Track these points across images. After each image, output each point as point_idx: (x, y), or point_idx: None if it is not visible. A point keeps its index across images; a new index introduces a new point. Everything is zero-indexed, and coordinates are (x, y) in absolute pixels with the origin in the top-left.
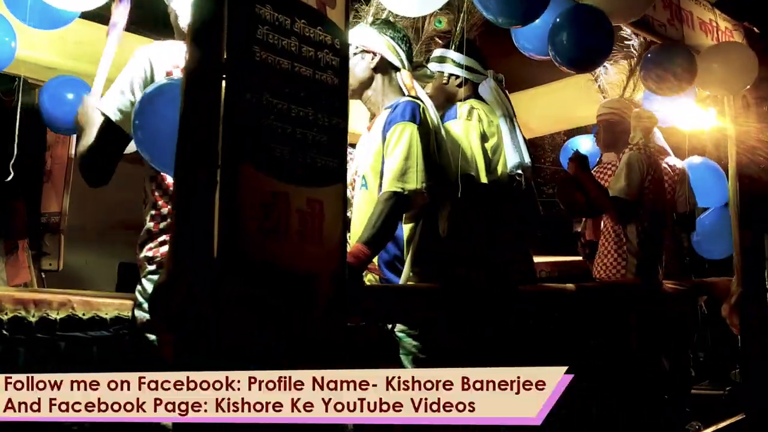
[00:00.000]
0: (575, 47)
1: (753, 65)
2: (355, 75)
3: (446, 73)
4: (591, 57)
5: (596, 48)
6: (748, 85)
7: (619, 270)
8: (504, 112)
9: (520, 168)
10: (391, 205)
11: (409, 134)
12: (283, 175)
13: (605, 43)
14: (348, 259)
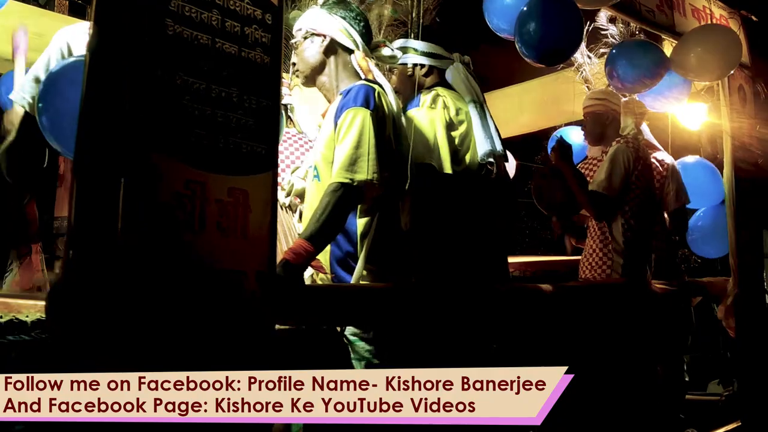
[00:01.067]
0: (543, 40)
1: (736, 48)
2: (306, 60)
3: (410, 64)
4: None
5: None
6: (732, 69)
7: (604, 270)
8: (473, 98)
9: (491, 156)
10: (338, 197)
11: (361, 120)
12: (200, 162)
13: (574, 35)
14: (286, 255)
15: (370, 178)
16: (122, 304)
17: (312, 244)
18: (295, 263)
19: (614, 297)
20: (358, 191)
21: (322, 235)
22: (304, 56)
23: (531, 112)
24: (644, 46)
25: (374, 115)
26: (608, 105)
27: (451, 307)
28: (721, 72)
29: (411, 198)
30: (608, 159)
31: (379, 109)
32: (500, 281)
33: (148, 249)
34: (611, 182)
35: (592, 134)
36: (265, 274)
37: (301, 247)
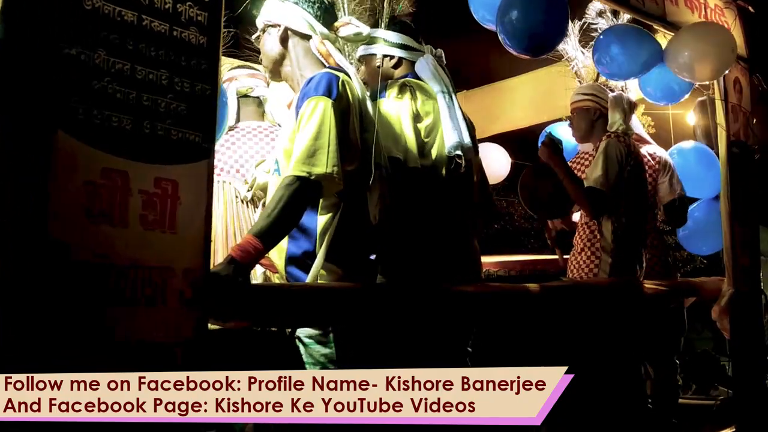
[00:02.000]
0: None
1: (731, 49)
2: (267, 54)
3: (379, 55)
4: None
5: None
6: (726, 69)
7: (591, 269)
8: (442, 88)
9: (459, 149)
10: (293, 191)
11: (322, 110)
12: (121, 149)
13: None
14: (233, 252)
15: (330, 171)
16: (21, 304)
17: (261, 242)
18: (242, 261)
19: (600, 298)
20: (315, 186)
21: (273, 233)
22: (265, 50)
23: (523, 107)
24: (634, 31)
25: (336, 105)
26: (596, 100)
27: (417, 308)
28: (714, 73)
29: (380, 190)
30: (601, 154)
31: (342, 98)
32: (471, 281)
33: (55, 242)
34: (608, 177)
35: (579, 130)
36: (197, 271)
37: (250, 245)
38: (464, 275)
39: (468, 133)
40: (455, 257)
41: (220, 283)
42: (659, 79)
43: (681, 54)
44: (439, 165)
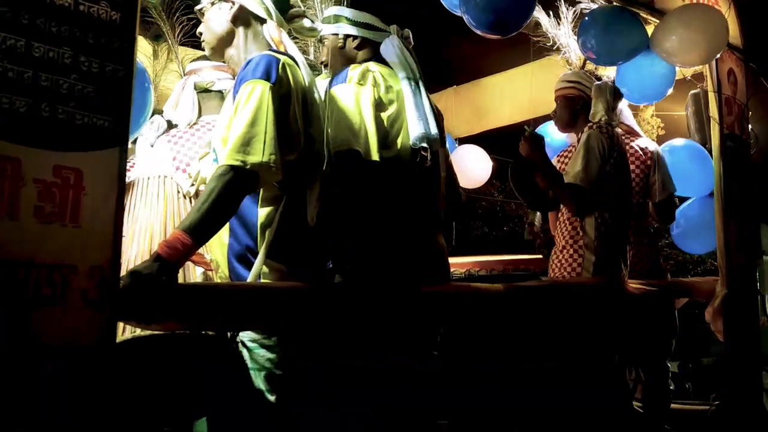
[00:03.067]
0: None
1: (723, 29)
2: (212, 29)
3: (341, 35)
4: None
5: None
6: (718, 52)
7: (574, 268)
8: (408, 74)
9: (424, 140)
10: (225, 182)
11: (259, 95)
12: (13, 134)
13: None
14: (160, 249)
15: (266, 160)
16: None
17: (191, 237)
18: (169, 258)
19: (580, 299)
20: (251, 176)
21: (204, 227)
22: (210, 25)
23: (514, 103)
24: (620, 13)
25: (276, 89)
26: (581, 88)
27: (375, 309)
28: (706, 55)
29: (322, 187)
30: (581, 147)
31: (282, 83)
32: (436, 280)
33: None
34: (588, 172)
35: (561, 120)
36: (105, 269)
37: (178, 240)
38: (429, 274)
39: (435, 123)
40: (419, 254)
41: (141, 283)
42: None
43: (668, 37)
44: (403, 157)
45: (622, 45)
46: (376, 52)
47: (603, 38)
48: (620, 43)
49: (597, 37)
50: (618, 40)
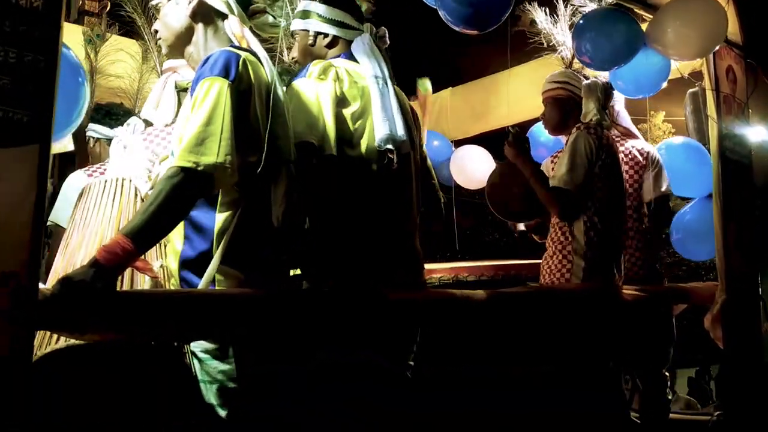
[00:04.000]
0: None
1: (721, 21)
2: (169, 25)
3: (311, 32)
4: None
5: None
6: (716, 45)
7: (563, 274)
8: (376, 73)
9: (390, 142)
10: (174, 184)
11: (216, 92)
12: None
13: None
14: (98, 254)
15: (221, 161)
16: None
17: (133, 242)
18: (107, 264)
19: (567, 305)
20: (203, 178)
21: (148, 232)
22: (167, 21)
23: (510, 103)
24: (615, 15)
25: (234, 87)
26: (569, 89)
27: (340, 318)
28: (703, 48)
29: (287, 186)
30: (568, 148)
31: (242, 80)
32: (407, 287)
33: None
34: (573, 175)
35: (551, 122)
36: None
37: (118, 245)
38: (401, 280)
39: (403, 124)
40: (389, 259)
41: (72, 290)
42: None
43: (663, 31)
44: (369, 158)
45: (621, 47)
46: (347, 49)
47: (599, 42)
48: (618, 45)
49: (593, 41)
50: (615, 42)
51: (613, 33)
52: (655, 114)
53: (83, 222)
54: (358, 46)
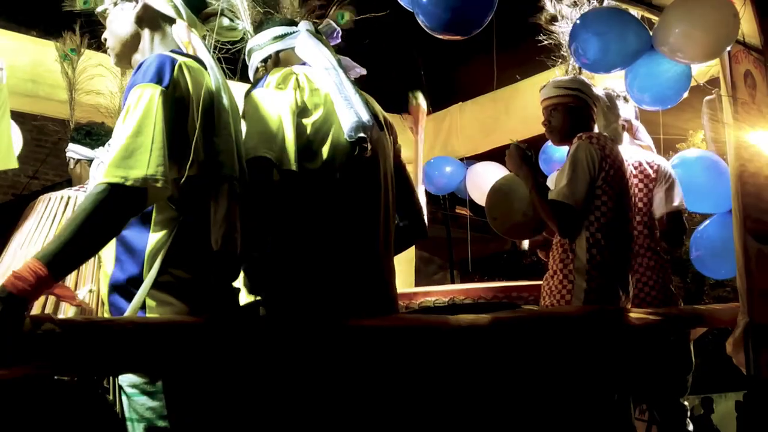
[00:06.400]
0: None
1: (731, 20)
2: (115, 33)
3: (257, 64)
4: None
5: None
6: (727, 46)
7: (563, 295)
8: (325, 64)
9: (360, 130)
10: (99, 202)
11: (147, 100)
12: None
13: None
14: (6, 281)
15: (152, 173)
16: None
17: (47, 267)
18: (16, 292)
19: (564, 331)
20: (133, 194)
21: (64, 256)
22: (113, 28)
23: (521, 117)
24: (616, 13)
25: (168, 94)
26: (583, 98)
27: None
28: (713, 49)
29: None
30: (568, 160)
31: (177, 87)
32: (377, 312)
33: None
34: (574, 189)
35: (557, 132)
36: None
37: (29, 271)
38: (369, 304)
39: (365, 108)
40: (356, 283)
41: None
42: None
43: (670, 32)
44: (331, 167)
45: (619, 47)
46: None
47: (597, 42)
48: (616, 45)
49: (588, 41)
50: (614, 42)
51: (613, 33)
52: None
53: (21, 241)
54: (301, 47)
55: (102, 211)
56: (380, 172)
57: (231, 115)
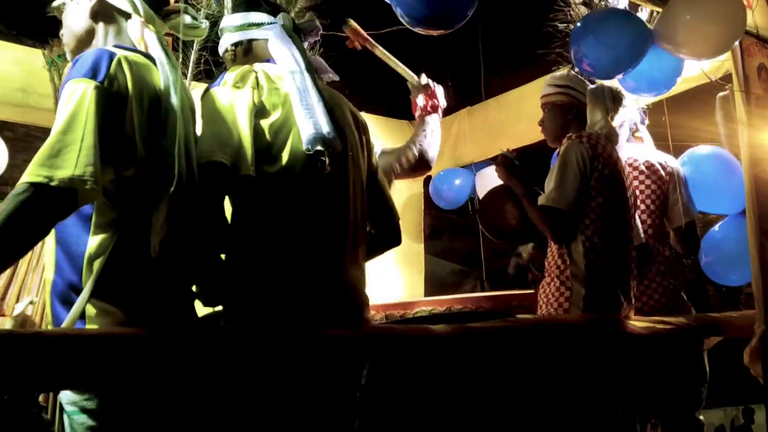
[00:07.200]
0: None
1: (738, 13)
2: (70, 28)
3: (229, 47)
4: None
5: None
6: (735, 40)
7: (561, 303)
8: (291, 66)
9: (319, 143)
10: (18, 205)
11: (79, 96)
12: None
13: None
14: None
15: (79, 173)
16: None
17: None
18: None
19: (558, 342)
20: (60, 195)
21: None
22: (68, 23)
23: (530, 120)
24: (618, 16)
25: (103, 89)
26: (573, 94)
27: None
28: (720, 44)
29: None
30: (557, 162)
31: (114, 82)
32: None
33: None
34: (563, 192)
35: (551, 132)
36: None
37: None
38: (332, 314)
39: (327, 119)
40: (320, 292)
41: None
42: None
43: (674, 27)
44: (292, 171)
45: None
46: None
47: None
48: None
49: (594, 46)
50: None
51: (617, 36)
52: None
53: None
54: (272, 42)
55: (24, 213)
56: (349, 178)
57: (182, 116)
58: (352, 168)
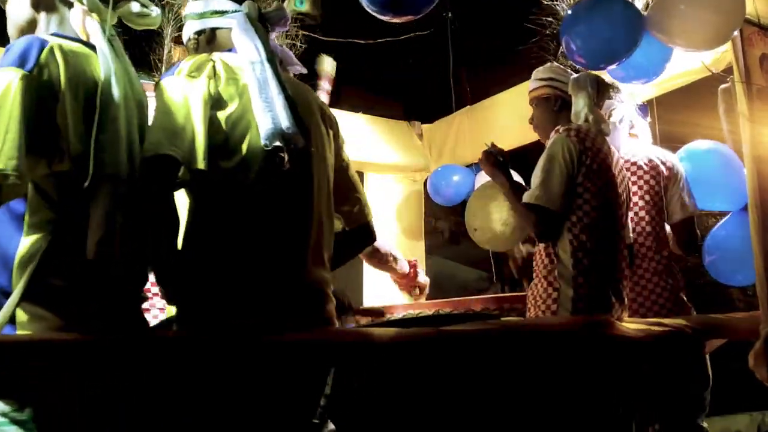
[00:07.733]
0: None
1: (737, 1)
2: (11, 19)
3: (192, 35)
4: None
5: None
6: (734, 30)
7: (549, 305)
8: (251, 57)
9: (278, 138)
10: None
11: (5, 86)
12: None
13: None
14: None
15: (1, 168)
16: None
17: None
18: None
19: (541, 346)
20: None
21: None
22: (10, 13)
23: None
24: (609, 3)
25: (32, 79)
26: (555, 85)
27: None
28: (718, 34)
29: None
30: (542, 158)
31: (45, 70)
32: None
33: None
34: (548, 188)
35: (541, 128)
36: None
37: None
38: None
39: (287, 113)
40: (279, 294)
41: None
42: None
43: (668, 14)
44: (249, 166)
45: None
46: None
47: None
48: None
49: (585, 35)
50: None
51: (609, 24)
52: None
53: None
54: (235, 32)
55: None
56: (312, 173)
57: (125, 109)
58: (316, 163)
